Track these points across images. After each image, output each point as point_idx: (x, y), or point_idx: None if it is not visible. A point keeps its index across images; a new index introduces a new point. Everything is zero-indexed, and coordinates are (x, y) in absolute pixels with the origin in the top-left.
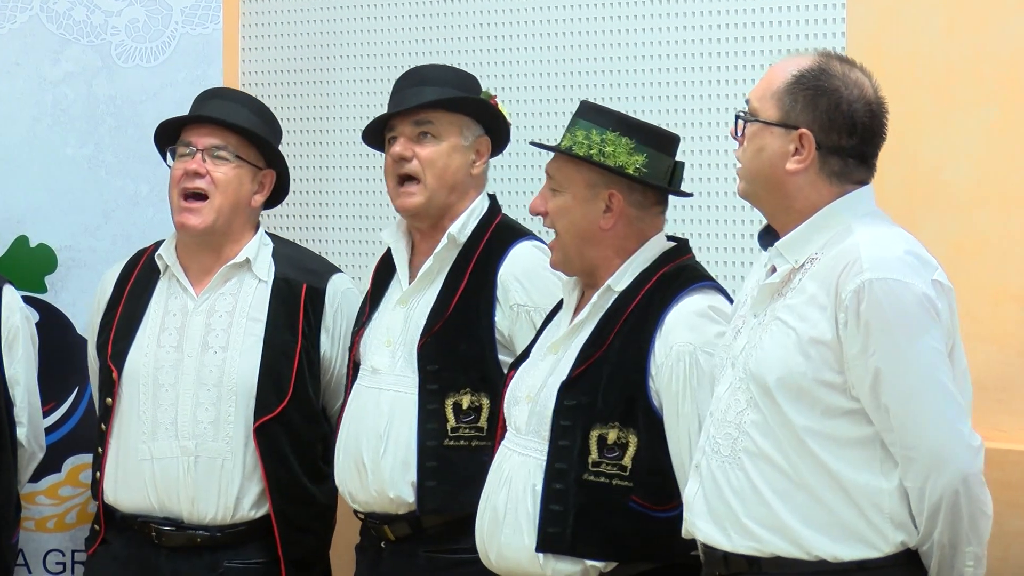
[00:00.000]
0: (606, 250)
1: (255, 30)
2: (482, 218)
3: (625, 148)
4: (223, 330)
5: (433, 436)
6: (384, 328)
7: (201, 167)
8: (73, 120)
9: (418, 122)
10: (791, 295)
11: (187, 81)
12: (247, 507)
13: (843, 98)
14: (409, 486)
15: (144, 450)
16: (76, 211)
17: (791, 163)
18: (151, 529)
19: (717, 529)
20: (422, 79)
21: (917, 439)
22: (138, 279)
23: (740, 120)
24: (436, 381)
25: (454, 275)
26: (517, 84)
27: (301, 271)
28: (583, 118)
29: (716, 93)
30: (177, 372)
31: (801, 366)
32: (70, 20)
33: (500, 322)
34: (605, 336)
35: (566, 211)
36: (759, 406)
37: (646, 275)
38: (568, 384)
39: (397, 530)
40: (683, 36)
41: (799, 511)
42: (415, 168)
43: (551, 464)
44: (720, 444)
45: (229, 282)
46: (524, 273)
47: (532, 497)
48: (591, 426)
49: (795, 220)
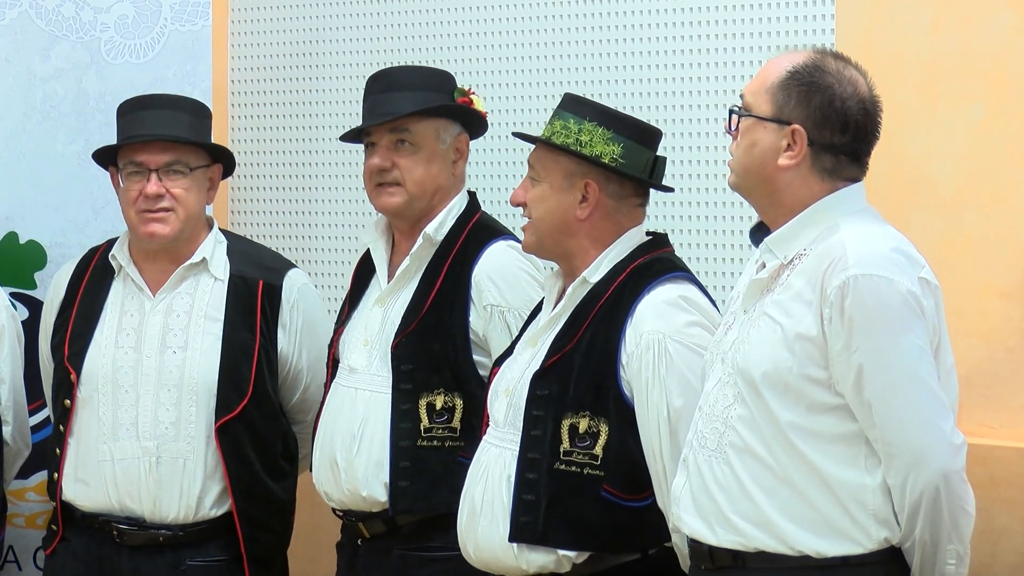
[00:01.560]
0: (582, 240)
1: (244, 26)
2: (460, 216)
3: (602, 138)
4: (181, 330)
5: (406, 436)
6: (362, 327)
7: (160, 188)
8: (63, 116)
9: (394, 130)
10: (779, 291)
11: (176, 77)
12: (209, 506)
13: (836, 95)
14: (382, 486)
15: (104, 451)
16: (66, 207)
17: (783, 159)
18: (112, 528)
19: (703, 523)
20: (393, 84)
21: (898, 436)
22: (92, 279)
23: (733, 115)
24: (410, 381)
25: (430, 275)
26: (502, 80)
27: (257, 268)
28: (565, 109)
29: (705, 89)
30: (136, 373)
31: (787, 361)
32: (59, 16)
33: (474, 322)
34: (577, 327)
35: (542, 199)
36: (745, 401)
37: (620, 267)
38: (540, 374)
39: (372, 528)
40: (671, 32)
41: (783, 506)
42: (395, 177)
43: (523, 454)
44: (707, 438)
45: (185, 281)
46: (498, 273)
47: (507, 488)
48: (562, 415)
49: (785, 216)
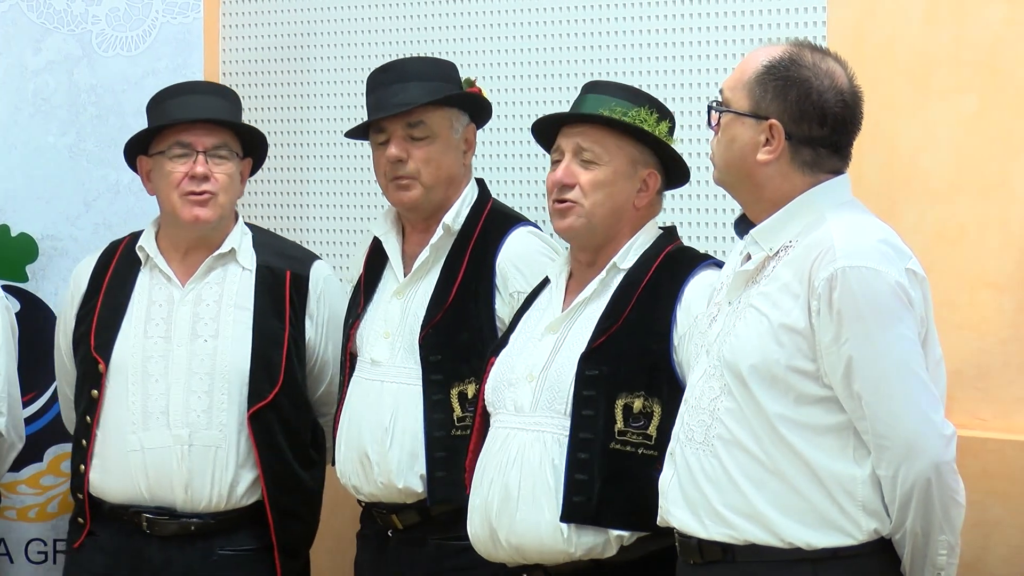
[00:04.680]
0: (625, 228)
1: (236, 19)
2: (474, 205)
3: (664, 128)
4: (211, 319)
5: (440, 426)
6: (381, 320)
7: (207, 169)
8: (54, 109)
9: (411, 123)
10: (765, 282)
11: (168, 70)
12: (240, 493)
13: (813, 88)
14: (418, 477)
15: (134, 440)
16: (57, 200)
17: (761, 153)
18: (141, 519)
19: (691, 516)
20: (403, 75)
21: (889, 427)
22: (117, 271)
23: (712, 110)
24: (440, 372)
25: (451, 264)
26: (501, 73)
27: (283, 258)
28: (608, 94)
29: (697, 82)
30: (167, 362)
31: (774, 353)
32: (51, 9)
33: (500, 309)
34: (621, 309)
35: (603, 185)
36: (732, 393)
37: (649, 254)
38: (587, 355)
39: (406, 519)
40: (665, 25)
41: (773, 498)
42: (411, 169)
43: (575, 434)
44: (694, 431)
45: (214, 271)
46: (522, 260)
47: (552, 471)
48: (616, 395)
49: (767, 210)
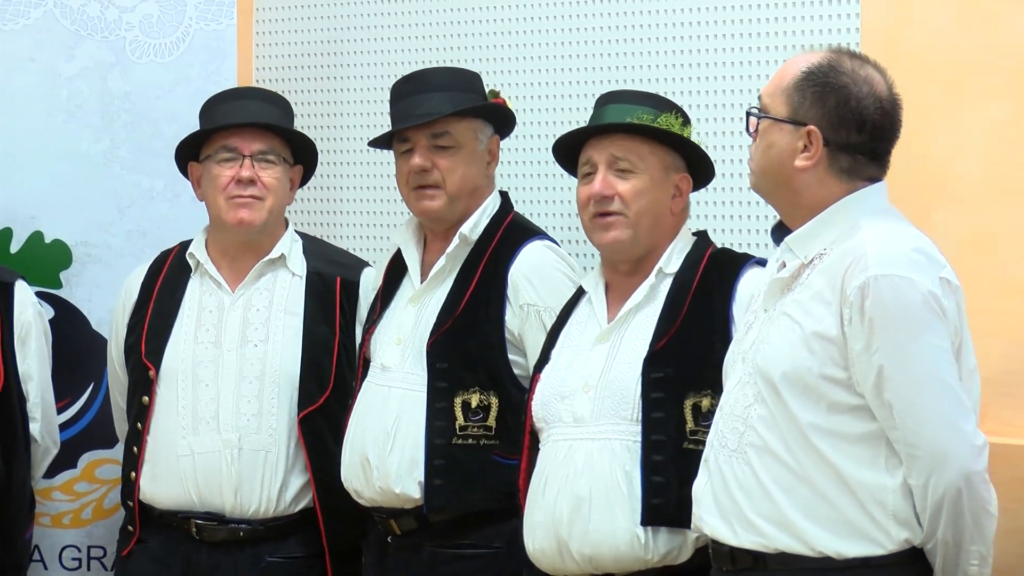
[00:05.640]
0: (665, 234)
1: (269, 26)
2: (494, 216)
3: (689, 133)
4: (261, 324)
5: (441, 434)
6: (395, 326)
7: (253, 173)
8: (87, 116)
9: (436, 133)
10: (799, 290)
11: (201, 77)
12: (289, 499)
13: (852, 95)
14: (416, 484)
15: (184, 445)
16: (90, 207)
17: (799, 160)
18: (191, 525)
19: (723, 524)
20: (427, 85)
21: (919, 437)
22: (167, 279)
23: (751, 116)
24: (445, 379)
25: (465, 274)
26: (529, 80)
27: (333, 265)
28: (631, 102)
29: (730, 88)
30: (217, 367)
31: (806, 361)
32: (84, 16)
33: (510, 321)
34: (677, 312)
35: (643, 193)
36: (765, 401)
37: (693, 257)
38: (651, 358)
39: (403, 524)
40: (696, 32)
41: (803, 507)
42: (436, 179)
43: (647, 437)
44: (727, 438)
45: (264, 277)
46: (534, 272)
47: (624, 477)
48: (684, 395)
49: (804, 216)
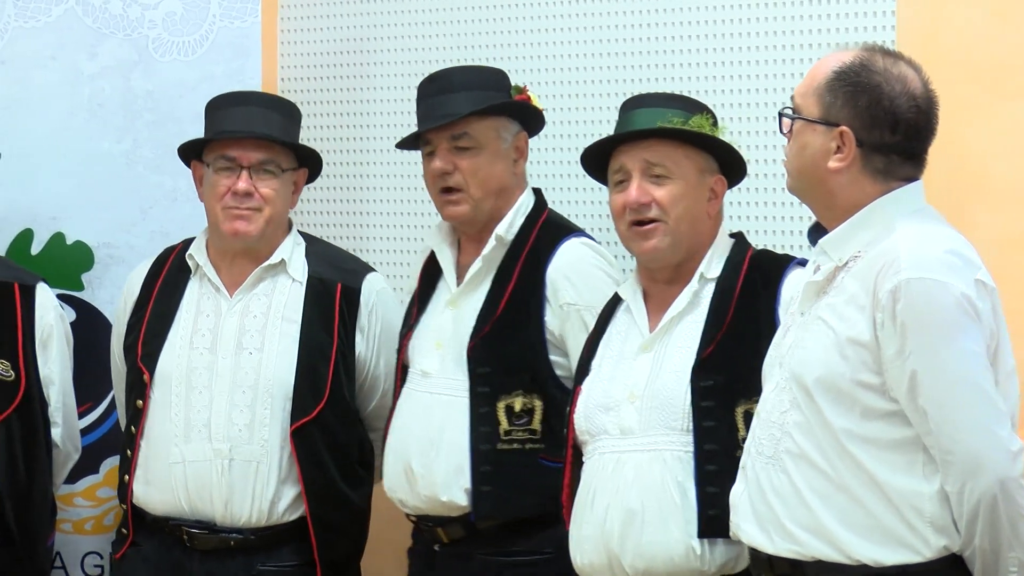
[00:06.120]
0: (703, 238)
1: (294, 23)
2: (528, 215)
3: (719, 133)
4: (258, 331)
5: (486, 440)
6: (433, 330)
7: (250, 185)
8: (110, 115)
9: (455, 136)
10: (833, 294)
11: (225, 75)
12: (282, 510)
13: (884, 94)
14: (463, 491)
15: (176, 453)
16: (113, 207)
17: (832, 161)
18: (183, 532)
19: (760, 531)
20: (449, 85)
21: (953, 442)
22: (167, 279)
23: (784, 117)
24: (487, 384)
25: (502, 275)
26: (560, 78)
27: (335, 270)
28: (661, 105)
29: (763, 87)
30: (211, 374)
31: (840, 366)
32: (106, 14)
33: (550, 322)
34: (722, 317)
35: (680, 198)
36: (801, 407)
37: (733, 260)
38: (700, 366)
39: (451, 533)
40: (730, 29)
41: (840, 514)
42: (458, 181)
43: (699, 447)
44: (764, 445)
45: (263, 282)
46: (573, 271)
47: (676, 488)
48: (735, 403)
49: (839, 217)
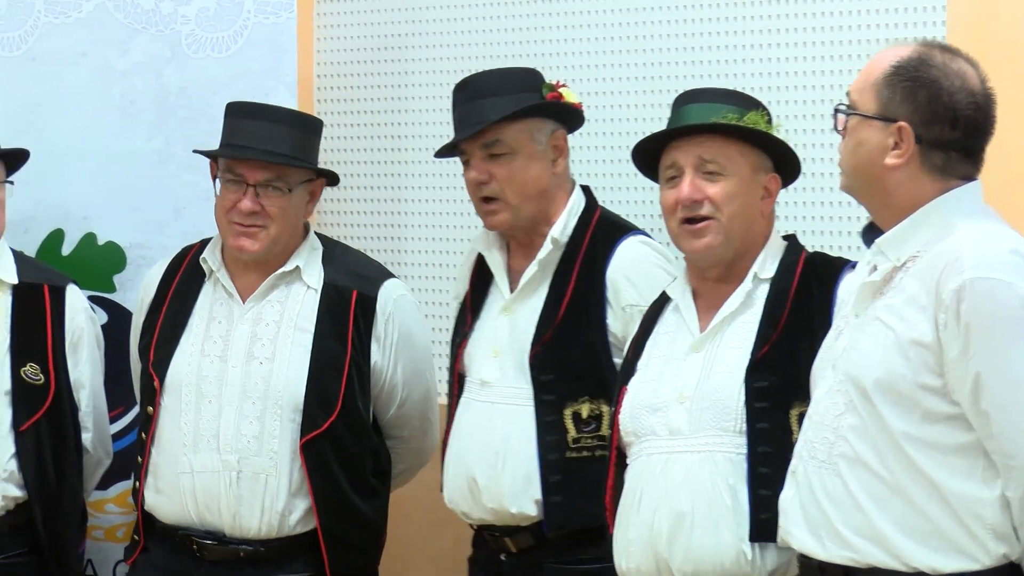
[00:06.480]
0: (756, 237)
1: (331, 19)
2: (581, 215)
3: (774, 131)
4: (269, 340)
5: (554, 449)
6: (489, 338)
7: (255, 204)
8: (142, 112)
9: (487, 144)
10: (891, 294)
11: (260, 72)
12: (293, 523)
13: (943, 89)
14: (532, 502)
15: (184, 462)
16: (145, 207)
17: (890, 158)
18: (192, 542)
19: (812, 537)
20: (478, 91)
21: (1016, 447)
22: (182, 281)
23: (839, 113)
24: (552, 391)
25: (560, 279)
26: (604, 75)
27: (352, 277)
28: (715, 101)
29: (812, 84)
30: (221, 383)
31: (900, 368)
32: (138, 9)
33: (613, 324)
34: (777, 318)
35: (734, 196)
36: (857, 409)
37: (787, 261)
38: (754, 367)
39: (520, 542)
40: (781, 25)
41: (897, 520)
42: (494, 189)
43: (753, 449)
44: (817, 448)
45: (276, 290)
46: (634, 271)
47: (728, 490)
48: (789, 405)
49: (896, 216)
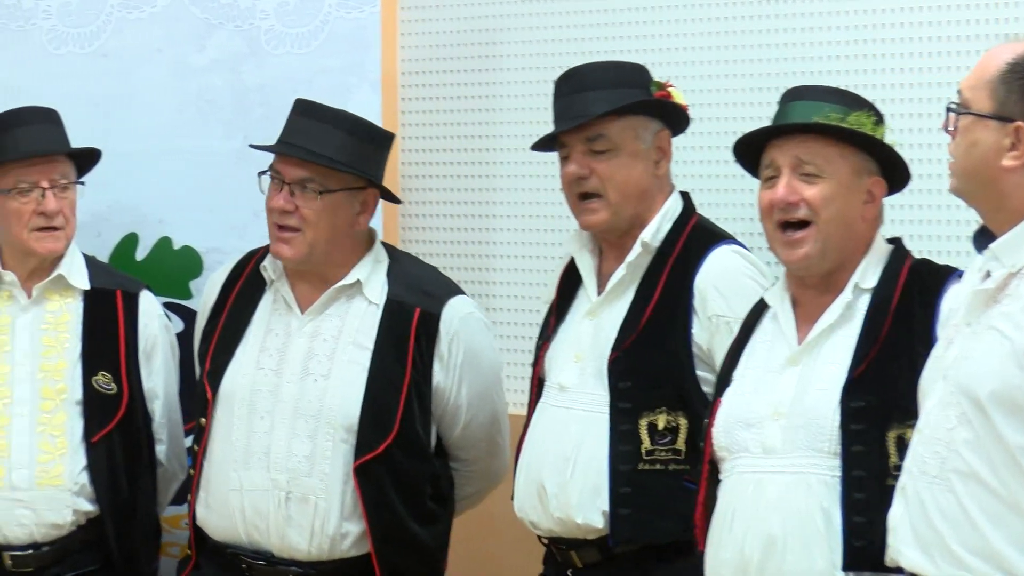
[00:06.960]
0: (858, 244)
1: (415, 13)
2: (676, 220)
3: (882, 133)
4: (326, 356)
5: (626, 459)
6: (571, 342)
7: (289, 203)
8: (219, 110)
9: (590, 138)
10: (1007, 302)
11: (341, 68)
12: (347, 547)
13: None
14: (599, 513)
15: (234, 479)
16: (223, 210)
17: (1007, 159)
18: (242, 561)
19: (924, 556)
20: (582, 84)
21: None
22: (244, 288)
23: (952, 112)
24: (629, 399)
25: (647, 284)
26: (708, 72)
27: (416, 293)
28: (819, 99)
29: (922, 82)
30: (275, 398)
31: (1017, 379)
32: (215, 3)
33: (698, 334)
34: (877, 333)
35: (832, 199)
36: (971, 422)
37: (890, 271)
38: (851, 386)
39: (585, 557)
40: (885, 20)
41: (1013, 537)
42: (595, 185)
43: (848, 473)
44: (928, 464)
45: (336, 303)
46: (723, 281)
47: (822, 515)
48: (887, 427)
49: (1011, 220)
